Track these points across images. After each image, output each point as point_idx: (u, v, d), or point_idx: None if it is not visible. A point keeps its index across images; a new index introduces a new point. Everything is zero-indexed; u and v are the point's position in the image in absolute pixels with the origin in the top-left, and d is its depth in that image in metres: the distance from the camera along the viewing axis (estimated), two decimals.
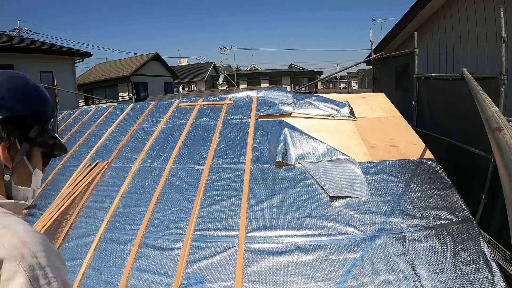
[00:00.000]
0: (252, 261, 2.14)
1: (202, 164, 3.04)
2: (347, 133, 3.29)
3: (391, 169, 2.73)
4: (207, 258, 2.21)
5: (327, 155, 2.84)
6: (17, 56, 9.43)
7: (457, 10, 5.70)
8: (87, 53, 11.90)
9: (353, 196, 2.48)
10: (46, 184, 3.51)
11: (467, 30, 5.43)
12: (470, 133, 3.30)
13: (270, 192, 2.61)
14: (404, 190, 2.53)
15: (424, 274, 1.97)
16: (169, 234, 2.43)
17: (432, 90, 4.23)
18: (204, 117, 3.81)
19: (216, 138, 3.37)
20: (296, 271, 2.06)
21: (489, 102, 1.56)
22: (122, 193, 2.92)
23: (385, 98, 3.98)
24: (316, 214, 2.40)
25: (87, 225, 2.72)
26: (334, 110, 3.64)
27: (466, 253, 2.07)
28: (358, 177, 2.64)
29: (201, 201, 2.64)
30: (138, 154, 3.39)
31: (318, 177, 2.66)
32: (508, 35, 3.22)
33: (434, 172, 2.68)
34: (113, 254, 2.39)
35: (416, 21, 6.73)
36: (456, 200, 2.43)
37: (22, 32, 13.66)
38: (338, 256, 2.12)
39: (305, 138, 3.00)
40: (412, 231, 2.22)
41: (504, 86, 3.02)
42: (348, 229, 2.27)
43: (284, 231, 2.30)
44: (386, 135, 3.23)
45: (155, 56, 20.15)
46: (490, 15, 4.80)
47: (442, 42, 6.18)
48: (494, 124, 1.19)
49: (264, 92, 4.13)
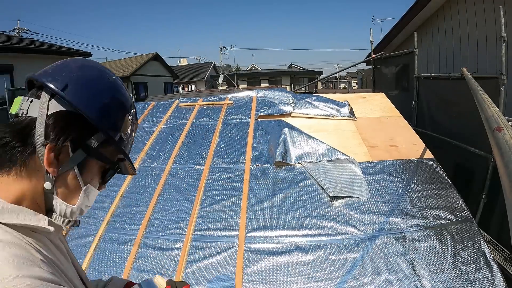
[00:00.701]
0: (252, 261, 2.14)
1: (202, 164, 3.04)
2: (347, 133, 3.29)
3: (391, 169, 2.73)
4: (207, 258, 2.20)
5: (327, 155, 2.84)
6: (17, 56, 9.42)
7: (457, 10, 5.70)
8: (87, 53, 11.89)
9: (353, 196, 2.48)
10: None
11: (467, 30, 5.43)
12: (470, 133, 3.30)
13: (270, 192, 2.61)
14: (404, 190, 2.53)
15: (424, 274, 1.97)
16: (169, 234, 2.42)
17: (432, 90, 4.23)
18: (204, 117, 3.81)
19: (216, 138, 3.37)
20: (296, 271, 2.06)
21: (489, 102, 1.56)
22: (122, 193, 2.92)
23: (385, 98, 3.98)
24: (316, 214, 2.40)
25: (87, 225, 2.71)
26: (334, 110, 3.64)
27: (466, 253, 2.07)
28: (358, 177, 2.64)
29: (201, 201, 2.64)
30: (138, 154, 3.39)
31: (318, 177, 2.66)
32: (508, 35, 3.22)
33: (434, 172, 2.68)
34: (113, 254, 2.39)
35: (416, 21, 6.73)
36: (456, 200, 2.43)
37: (22, 32, 13.66)
38: (338, 256, 2.12)
39: (305, 138, 3.00)
40: (412, 231, 2.22)
41: (504, 86, 3.02)
42: (348, 229, 2.27)
43: (284, 231, 2.30)
44: (386, 135, 3.23)
45: (155, 56, 20.13)
46: (490, 15, 4.80)
47: (442, 42, 6.18)
48: (494, 123, 1.19)
49: (264, 92, 4.13)
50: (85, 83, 0.62)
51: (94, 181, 0.65)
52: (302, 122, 3.44)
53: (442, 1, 6.02)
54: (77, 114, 0.59)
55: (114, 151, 0.67)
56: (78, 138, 0.59)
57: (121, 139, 0.66)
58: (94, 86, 0.63)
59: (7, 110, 6.51)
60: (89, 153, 0.61)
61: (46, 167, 0.56)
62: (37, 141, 0.56)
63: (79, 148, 0.60)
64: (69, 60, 0.65)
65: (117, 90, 0.67)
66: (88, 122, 0.60)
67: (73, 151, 0.59)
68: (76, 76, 0.61)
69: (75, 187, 0.62)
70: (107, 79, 0.66)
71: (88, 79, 0.63)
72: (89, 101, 0.60)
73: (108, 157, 0.65)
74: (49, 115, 0.57)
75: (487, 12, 4.90)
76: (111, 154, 0.66)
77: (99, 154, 0.63)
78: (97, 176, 0.66)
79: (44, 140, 0.56)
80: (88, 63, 0.67)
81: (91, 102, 0.61)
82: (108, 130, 0.62)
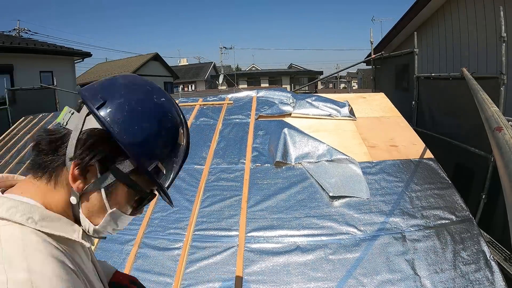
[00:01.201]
0: (252, 261, 2.14)
1: (202, 164, 3.04)
2: (347, 133, 3.29)
3: (391, 169, 2.73)
4: (207, 258, 2.20)
5: (327, 155, 2.84)
6: (17, 56, 9.43)
7: (457, 9, 5.70)
8: (87, 53, 11.90)
9: (353, 196, 2.48)
10: None
11: (467, 30, 5.43)
12: (470, 132, 3.29)
13: (270, 192, 2.61)
14: (404, 190, 2.53)
15: (424, 273, 1.97)
16: (169, 234, 2.42)
17: (432, 90, 4.23)
18: (204, 117, 3.81)
19: (216, 138, 3.37)
20: (296, 271, 2.06)
21: (489, 102, 1.56)
22: None
23: (385, 98, 3.97)
24: (316, 214, 2.40)
25: None
26: (334, 110, 3.63)
27: (466, 253, 2.07)
28: (358, 176, 2.64)
29: (201, 201, 2.64)
30: None
31: (318, 177, 2.66)
32: (508, 34, 3.22)
33: (434, 172, 2.68)
34: (113, 254, 2.39)
35: (415, 21, 6.73)
36: (456, 200, 2.43)
37: (22, 32, 13.64)
38: (338, 256, 2.12)
39: (305, 138, 3.00)
40: (412, 231, 2.22)
41: (504, 86, 3.01)
42: (348, 229, 2.27)
43: (284, 231, 2.30)
44: (386, 135, 3.22)
45: (155, 56, 20.15)
46: (490, 15, 4.80)
47: (442, 42, 6.18)
48: (494, 123, 1.19)
49: (264, 92, 4.13)
50: (124, 104, 0.57)
51: (124, 206, 0.61)
52: (302, 123, 3.44)
53: (442, 1, 6.02)
54: (108, 134, 0.55)
55: (148, 181, 0.61)
56: (108, 160, 0.56)
57: (157, 169, 0.59)
58: (133, 108, 0.57)
59: (7, 110, 6.50)
60: (119, 177, 0.57)
61: (70, 183, 0.55)
62: (67, 154, 0.55)
63: (108, 171, 0.56)
64: (118, 76, 0.62)
65: (162, 114, 0.60)
66: (120, 146, 0.55)
67: (101, 172, 0.56)
68: (118, 95, 0.57)
69: (99, 208, 0.59)
70: (152, 102, 0.59)
71: (129, 99, 0.57)
72: (124, 124, 0.55)
73: (140, 186, 0.60)
74: (83, 131, 0.55)
75: (487, 12, 4.90)
76: (144, 183, 0.61)
77: (130, 181, 0.58)
78: (129, 202, 0.61)
79: (73, 155, 0.55)
80: (136, 81, 0.62)
81: (126, 125, 0.55)
82: (140, 158, 0.57)
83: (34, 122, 5.55)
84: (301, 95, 4.36)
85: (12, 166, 4.30)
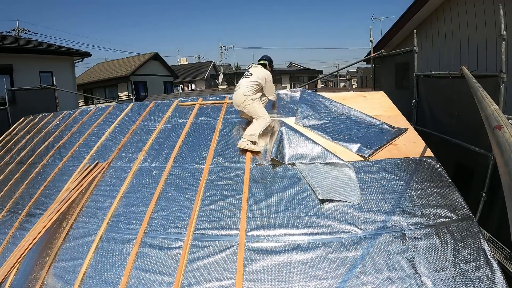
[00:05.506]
0: (252, 260, 2.15)
1: (202, 163, 3.04)
2: None
3: (391, 168, 2.73)
4: (208, 257, 2.21)
5: (321, 158, 2.82)
6: (17, 56, 9.41)
7: (457, 8, 5.68)
8: (86, 53, 11.88)
9: (342, 200, 2.45)
10: (46, 184, 3.51)
11: (466, 28, 5.42)
12: (470, 131, 3.29)
13: (270, 191, 2.61)
14: (404, 188, 2.53)
15: (425, 272, 1.98)
16: (169, 233, 2.43)
17: (432, 88, 4.22)
18: (204, 116, 3.81)
19: (216, 137, 3.37)
20: (296, 270, 2.06)
21: (489, 100, 1.55)
22: (122, 193, 2.93)
23: (385, 97, 3.97)
24: (317, 212, 2.40)
25: (88, 225, 2.72)
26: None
27: (466, 251, 2.07)
28: (351, 181, 2.61)
29: (201, 200, 2.65)
30: (138, 154, 3.39)
31: (309, 179, 2.64)
32: (508, 33, 3.21)
33: (434, 170, 2.68)
34: (114, 254, 2.39)
35: (415, 19, 6.71)
36: (456, 198, 2.43)
37: (22, 32, 13.62)
38: (339, 254, 2.12)
39: (301, 139, 2.99)
40: (412, 229, 2.22)
41: (503, 84, 3.00)
42: (348, 227, 2.27)
43: (285, 230, 2.30)
44: None
45: (155, 56, 20.10)
46: (489, 13, 4.79)
47: (442, 40, 6.17)
48: (494, 122, 1.19)
49: None
50: None
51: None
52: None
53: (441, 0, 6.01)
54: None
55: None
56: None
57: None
58: None
59: (7, 110, 6.49)
60: None
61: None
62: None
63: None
64: None
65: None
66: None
67: None
68: None
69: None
70: None
71: None
72: None
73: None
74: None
75: (486, 10, 4.90)
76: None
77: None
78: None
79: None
80: None
81: None
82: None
83: (34, 122, 5.55)
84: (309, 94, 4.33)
85: (12, 166, 4.30)
